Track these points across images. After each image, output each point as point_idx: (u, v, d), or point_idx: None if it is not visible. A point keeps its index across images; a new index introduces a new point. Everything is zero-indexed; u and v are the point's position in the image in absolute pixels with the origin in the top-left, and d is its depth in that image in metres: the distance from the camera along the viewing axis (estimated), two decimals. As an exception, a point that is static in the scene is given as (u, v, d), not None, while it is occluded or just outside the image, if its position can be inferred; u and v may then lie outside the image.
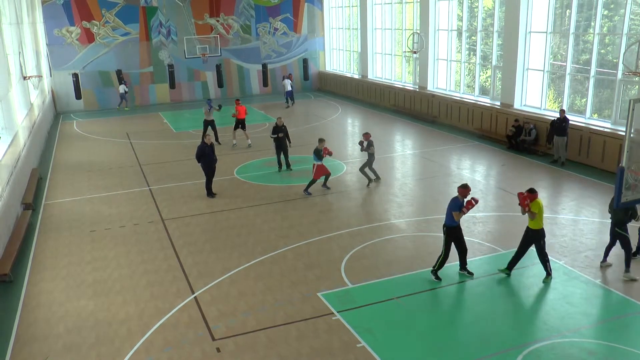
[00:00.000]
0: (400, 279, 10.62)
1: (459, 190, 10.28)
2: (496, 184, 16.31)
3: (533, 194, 10.01)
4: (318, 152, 15.46)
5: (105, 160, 20.45)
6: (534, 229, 10.13)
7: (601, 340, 8.51)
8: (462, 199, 10.22)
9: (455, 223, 10.27)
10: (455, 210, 10.15)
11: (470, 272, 10.62)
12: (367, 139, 16.09)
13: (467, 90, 24.66)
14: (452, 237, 10.40)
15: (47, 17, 30.33)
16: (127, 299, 10.29)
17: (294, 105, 30.75)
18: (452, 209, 10.19)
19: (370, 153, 16.06)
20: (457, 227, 10.36)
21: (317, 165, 15.56)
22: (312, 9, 35.82)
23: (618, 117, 17.40)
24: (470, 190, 10.27)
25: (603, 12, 17.90)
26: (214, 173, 15.81)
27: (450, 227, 10.34)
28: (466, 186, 10.27)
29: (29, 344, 9.04)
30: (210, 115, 21.78)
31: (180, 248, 12.47)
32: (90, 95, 31.81)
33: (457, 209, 10.14)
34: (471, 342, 8.60)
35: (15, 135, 16.98)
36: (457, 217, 10.16)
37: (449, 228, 10.36)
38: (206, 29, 33.39)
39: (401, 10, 29.16)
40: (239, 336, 8.97)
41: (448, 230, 10.39)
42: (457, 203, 10.21)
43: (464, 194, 10.23)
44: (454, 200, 10.27)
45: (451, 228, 10.35)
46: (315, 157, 15.52)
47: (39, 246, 12.98)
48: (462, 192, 10.24)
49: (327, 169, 15.87)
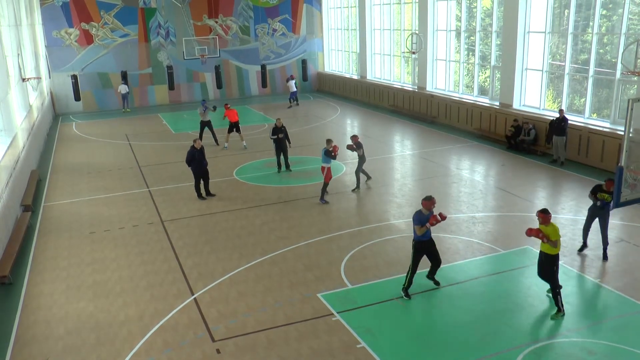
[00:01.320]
0: (400, 280, 10.59)
1: (423, 203, 9.58)
2: (495, 184, 16.32)
3: (547, 215, 9.01)
4: (329, 153, 14.81)
5: (104, 162, 20.44)
6: (548, 254, 9.15)
7: (601, 340, 8.52)
8: (427, 212, 9.50)
9: (424, 237, 9.62)
10: (416, 224, 9.47)
11: (437, 281, 10.12)
12: (356, 141, 15.76)
13: (466, 90, 24.68)
14: (420, 253, 9.74)
15: (45, 18, 30.32)
16: (127, 300, 10.29)
17: (297, 106, 30.75)
18: (415, 224, 9.51)
19: (360, 155, 15.76)
20: (427, 242, 9.70)
21: (327, 168, 14.87)
22: (311, 10, 35.83)
23: (617, 116, 17.42)
24: (434, 203, 9.54)
25: (601, 12, 17.92)
26: (206, 176, 15.80)
27: (418, 241, 9.67)
28: (430, 198, 9.55)
29: (29, 345, 9.04)
30: (206, 116, 21.79)
31: (180, 249, 12.47)
32: (89, 96, 31.81)
33: (419, 223, 9.45)
34: (471, 342, 8.61)
35: (14, 137, 16.98)
36: (419, 231, 9.47)
37: (417, 242, 9.68)
38: (205, 30, 33.39)
39: (399, 11, 29.18)
40: (238, 337, 8.97)
41: (416, 245, 9.70)
42: (420, 217, 9.51)
43: (428, 206, 9.48)
44: (417, 213, 9.58)
45: (419, 242, 9.67)
46: (325, 158, 14.88)
47: (39, 248, 12.97)
48: (425, 204, 9.51)
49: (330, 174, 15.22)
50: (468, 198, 15.08)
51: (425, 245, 9.71)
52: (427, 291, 10.12)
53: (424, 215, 9.47)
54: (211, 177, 17.42)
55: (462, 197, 15.22)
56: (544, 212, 9.05)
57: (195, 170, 15.64)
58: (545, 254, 9.16)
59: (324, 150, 15.04)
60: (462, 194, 15.48)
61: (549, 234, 8.89)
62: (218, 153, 20.82)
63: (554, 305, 9.47)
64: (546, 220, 8.96)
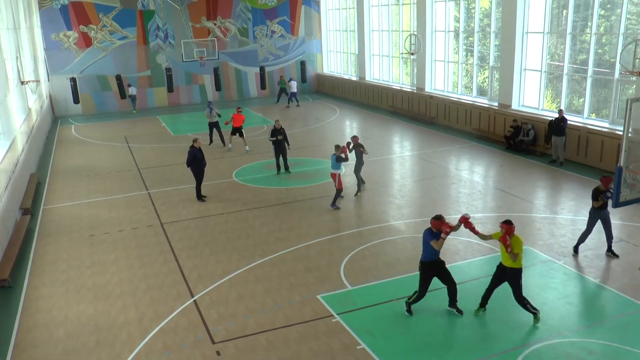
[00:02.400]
0: (400, 281, 10.61)
1: (432, 222, 9.02)
2: (495, 185, 16.32)
3: (511, 226, 8.68)
4: (340, 158, 14.48)
5: (103, 165, 20.43)
6: (513, 268, 8.84)
7: (601, 340, 8.51)
8: (437, 231, 8.98)
9: (432, 257, 9.09)
10: (432, 239, 8.95)
11: (460, 310, 9.38)
12: (356, 142, 15.64)
13: (464, 91, 24.69)
14: (427, 274, 9.20)
15: (44, 21, 30.33)
16: (126, 303, 10.28)
17: (292, 107, 30.80)
18: (429, 239, 8.97)
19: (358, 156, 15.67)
20: (435, 262, 9.13)
21: (338, 175, 14.61)
22: (309, 12, 35.85)
23: (616, 116, 17.44)
24: (444, 222, 8.94)
25: (600, 12, 17.94)
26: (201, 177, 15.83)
27: (425, 262, 9.13)
28: (440, 217, 9.00)
29: (29, 349, 9.03)
30: (213, 117, 21.87)
31: (180, 251, 12.46)
32: (88, 99, 31.80)
33: (434, 238, 8.95)
34: (471, 343, 8.60)
35: (13, 140, 16.96)
36: (437, 245, 8.92)
37: (424, 264, 9.15)
38: (203, 32, 33.40)
39: (398, 12, 29.21)
40: (238, 339, 8.96)
41: (423, 267, 9.16)
42: (432, 234, 8.99)
43: (438, 226, 8.94)
44: (429, 231, 9.04)
45: (426, 263, 9.14)
46: (335, 165, 14.60)
47: (38, 251, 12.96)
48: (435, 224, 8.97)
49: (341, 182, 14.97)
50: (467, 199, 15.09)
51: (433, 266, 9.14)
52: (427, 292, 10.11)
53: (435, 234, 8.97)
54: (211, 178, 17.48)
55: (461, 197, 15.22)
56: (508, 223, 8.71)
57: (196, 171, 15.64)
58: (510, 269, 8.82)
59: (333, 156, 14.62)
60: (461, 194, 15.49)
61: (512, 246, 8.61)
62: (218, 155, 20.82)
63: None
64: (510, 232, 8.65)
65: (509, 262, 8.80)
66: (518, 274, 8.85)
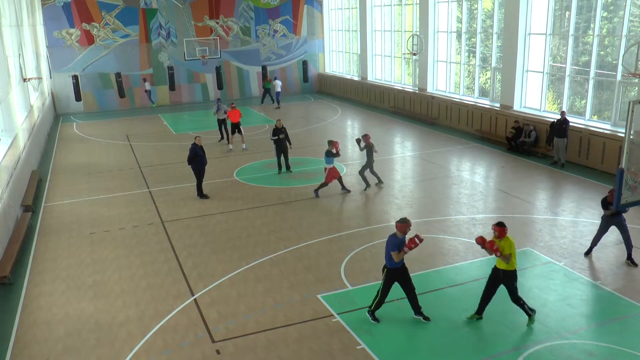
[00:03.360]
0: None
1: (398, 225, 8.68)
2: (496, 186, 16.32)
3: (503, 228, 8.60)
4: (330, 152, 15.19)
5: (105, 162, 20.45)
6: (507, 270, 8.75)
7: (601, 342, 8.51)
8: (402, 235, 8.69)
9: (397, 264, 8.80)
10: (394, 250, 8.63)
11: (427, 317, 9.15)
12: (367, 140, 15.90)
13: (466, 91, 24.68)
14: (391, 280, 8.91)
15: (47, 19, 30.36)
16: (127, 301, 10.29)
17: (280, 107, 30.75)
18: (391, 249, 8.65)
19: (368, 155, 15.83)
20: (400, 269, 8.86)
21: (328, 169, 15.34)
22: (312, 11, 35.86)
23: (618, 118, 17.42)
24: (410, 225, 8.70)
25: (602, 14, 17.92)
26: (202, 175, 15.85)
27: (392, 268, 8.82)
28: (405, 220, 8.70)
29: (29, 346, 9.04)
30: (221, 113, 22.16)
31: (180, 250, 12.47)
32: (90, 97, 31.83)
33: (396, 249, 8.62)
34: (471, 344, 8.60)
35: (15, 137, 16.98)
36: (397, 257, 8.64)
37: (390, 270, 8.83)
38: (206, 31, 33.41)
39: (400, 12, 29.19)
40: (238, 338, 8.97)
41: (388, 272, 8.85)
42: (395, 241, 8.67)
43: (404, 229, 8.66)
44: (392, 237, 8.70)
45: (392, 270, 8.82)
46: (327, 159, 15.28)
47: (39, 248, 12.97)
48: (401, 227, 8.66)
49: (337, 171, 15.62)
50: (468, 199, 15.08)
51: (397, 273, 8.88)
52: (427, 292, 10.10)
53: (399, 239, 8.69)
54: (212, 177, 17.50)
55: (463, 198, 15.22)
56: (500, 225, 8.62)
57: (197, 169, 15.64)
58: (504, 271, 8.73)
59: (325, 151, 15.27)
60: (462, 195, 15.48)
61: (502, 248, 8.56)
62: (219, 154, 20.83)
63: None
64: (502, 234, 8.58)
65: (502, 265, 8.74)
66: (512, 276, 8.78)
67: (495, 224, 8.70)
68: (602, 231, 11.15)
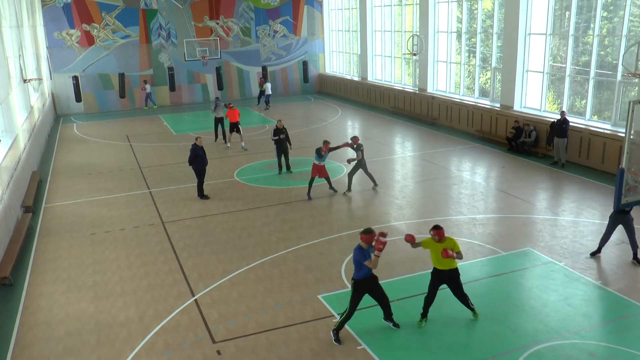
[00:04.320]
0: (401, 281, 10.61)
1: (362, 237, 8.46)
2: (496, 186, 16.31)
3: (441, 230, 8.63)
4: (319, 151, 15.37)
5: (105, 163, 20.45)
6: (453, 269, 8.82)
7: (602, 342, 8.51)
8: (367, 246, 8.51)
9: (364, 275, 8.57)
10: (362, 260, 8.45)
11: (397, 323, 9.04)
12: (356, 142, 15.63)
13: (466, 92, 24.68)
14: (361, 292, 8.67)
15: (47, 19, 30.37)
16: (127, 301, 10.29)
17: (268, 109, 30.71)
18: (361, 260, 8.45)
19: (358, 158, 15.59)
20: (369, 279, 8.64)
21: (314, 165, 15.48)
22: (312, 12, 35.86)
23: (618, 118, 17.41)
24: (375, 235, 8.45)
25: (602, 14, 17.92)
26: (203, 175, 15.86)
27: (358, 280, 8.59)
28: (370, 231, 8.49)
29: (30, 347, 9.04)
30: (219, 112, 22.20)
31: (181, 250, 12.47)
32: (90, 98, 31.84)
33: (364, 259, 8.45)
34: (471, 344, 8.60)
35: (15, 138, 16.99)
36: (373, 265, 8.43)
37: (357, 281, 8.60)
38: (206, 32, 33.42)
39: (401, 13, 29.20)
40: (239, 339, 8.96)
41: (356, 284, 8.60)
42: (362, 252, 8.47)
43: (369, 241, 8.46)
44: (358, 250, 8.49)
45: (360, 281, 8.59)
46: (316, 157, 15.43)
47: (39, 249, 12.97)
48: (365, 239, 8.45)
49: (325, 171, 15.65)
50: (469, 200, 15.08)
51: (366, 284, 8.65)
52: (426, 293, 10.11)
53: (366, 250, 8.50)
54: (212, 178, 17.51)
55: (463, 198, 15.22)
56: (437, 228, 8.66)
57: (197, 169, 15.66)
58: (451, 270, 8.79)
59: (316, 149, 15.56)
60: (462, 195, 15.48)
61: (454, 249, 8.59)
62: (219, 154, 20.84)
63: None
64: (442, 236, 8.62)
65: (447, 265, 8.74)
66: (457, 274, 8.91)
67: (432, 229, 8.71)
68: (610, 230, 11.08)
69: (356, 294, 8.64)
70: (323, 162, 15.51)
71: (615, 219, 10.92)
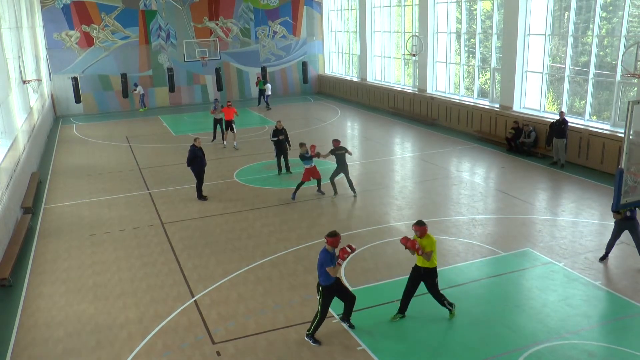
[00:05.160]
0: (401, 282, 10.57)
1: (328, 240, 8.38)
2: (495, 186, 16.32)
3: (423, 226, 8.76)
4: (303, 156, 15.23)
5: (104, 164, 20.45)
6: (428, 268, 8.90)
7: (601, 342, 8.51)
8: (332, 249, 8.41)
9: (331, 280, 8.49)
10: (328, 265, 8.32)
11: (352, 324, 9.04)
12: (336, 146, 15.35)
13: (466, 92, 24.69)
14: (330, 297, 8.60)
15: (46, 21, 30.37)
16: (127, 302, 10.28)
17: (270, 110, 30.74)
18: (325, 264, 8.33)
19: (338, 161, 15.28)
20: (334, 283, 8.56)
21: (305, 169, 15.36)
22: (311, 12, 35.87)
23: (617, 118, 17.43)
24: (340, 238, 8.45)
25: (601, 14, 17.93)
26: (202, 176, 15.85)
27: (327, 286, 8.50)
28: (336, 234, 8.43)
29: (29, 348, 9.03)
30: (217, 113, 22.41)
31: (180, 252, 12.46)
32: (89, 99, 31.83)
33: (330, 264, 8.33)
34: (471, 345, 8.60)
35: (14, 139, 16.99)
36: (333, 272, 8.34)
37: (325, 288, 8.50)
38: (205, 33, 33.43)
39: (400, 13, 29.21)
40: (239, 339, 8.96)
41: (324, 291, 8.50)
42: (327, 256, 8.34)
43: (335, 244, 8.37)
44: (324, 253, 8.38)
45: (327, 287, 8.50)
46: (305, 162, 15.27)
47: (39, 250, 12.97)
48: (331, 242, 8.36)
49: (317, 172, 15.60)
50: (468, 200, 15.08)
51: (333, 289, 8.59)
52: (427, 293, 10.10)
53: (331, 253, 8.41)
54: (212, 179, 17.51)
55: (462, 199, 15.22)
56: (420, 224, 8.78)
57: (196, 171, 15.67)
58: (425, 269, 8.90)
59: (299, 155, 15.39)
60: (462, 196, 15.48)
61: (424, 246, 8.70)
62: (219, 155, 20.84)
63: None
64: (423, 233, 8.75)
65: (424, 263, 8.86)
66: (433, 273, 8.97)
67: (414, 224, 8.86)
68: (616, 236, 10.99)
69: (326, 300, 8.59)
70: (312, 164, 15.35)
71: (620, 224, 10.83)
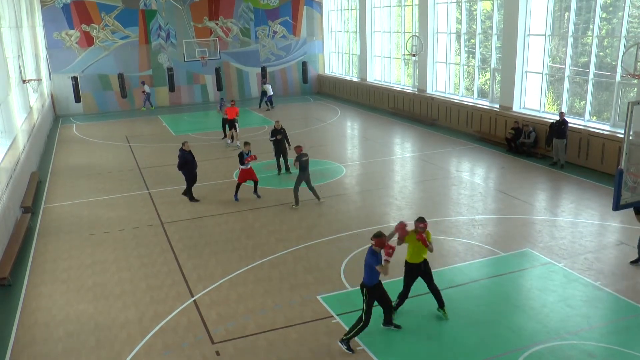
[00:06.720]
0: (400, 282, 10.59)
1: (375, 241, 8.28)
2: (495, 187, 16.32)
3: (425, 222, 8.93)
4: (242, 156, 15.16)
5: (104, 164, 20.44)
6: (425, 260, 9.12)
7: (601, 343, 8.51)
8: (380, 250, 8.33)
9: (374, 281, 8.42)
10: (376, 264, 8.25)
11: (398, 325, 9.06)
12: (299, 152, 14.69)
13: (466, 92, 24.69)
14: (372, 298, 8.50)
15: (46, 20, 30.37)
16: (126, 302, 10.28)
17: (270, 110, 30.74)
18: (373, 264, 8.26)
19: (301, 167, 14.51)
20: (378, 284, 8.51)
21: (240, 169, 15.37)
22: (311, 12, 35.87)
23: (617, 119, 17.43)
24: (386, 239, 8.35)
25: (601, 15, 17.93)
26: (195, 179, 15.77)
27: (372, 286, 8.42)
28: (381, 234, 8.33)
29: (28, 347, 9.03)
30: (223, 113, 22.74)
31: (180, 251, 12.46)
32: (89, 98, 31.83)
33: (377, 263, 8.27)
34: (471, 345, 8.60)
35: (14, 139, 16.98)
36: (384, 269, 8.23)
37: (370, 288, 8.41)
38: (205, 32, 33.42)
39: (400, 13, 29.21)
40: (238, 339, 8.96)
41: (368, 292, 8.41)
42: (375, 256, 8.29)
43: (382, 244, 8.25)
44: (370, 253, 8.32)
45: (372, 287, 8.43)
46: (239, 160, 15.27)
47: (38, 250, 12.96)
48: (378, 242, 8.26)
49: (253, 174, 15.54)
50: (468, 200, 15.08)
51: (377, 289, 8.52)
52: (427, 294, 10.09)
53: (378, 254, 8.33)
54: (211, 179, 17.52)
55: (462, 199, 15.22)
56: (424, 220, 8.97)
57: (188, 174, 15.56)
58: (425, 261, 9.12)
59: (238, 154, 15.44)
60: (462, 196, 15.49)
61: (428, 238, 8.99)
62: (219, 155, 20.84)
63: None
64: (425, 228, 8.95)
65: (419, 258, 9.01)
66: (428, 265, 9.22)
67: (419, 221, 8.95)
68: None
69: (370, 302, 8.44)
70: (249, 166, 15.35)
71: None
